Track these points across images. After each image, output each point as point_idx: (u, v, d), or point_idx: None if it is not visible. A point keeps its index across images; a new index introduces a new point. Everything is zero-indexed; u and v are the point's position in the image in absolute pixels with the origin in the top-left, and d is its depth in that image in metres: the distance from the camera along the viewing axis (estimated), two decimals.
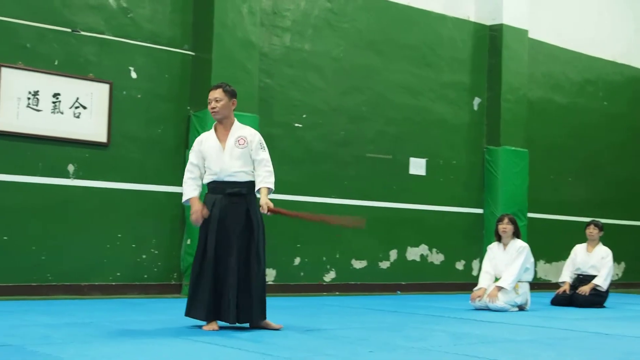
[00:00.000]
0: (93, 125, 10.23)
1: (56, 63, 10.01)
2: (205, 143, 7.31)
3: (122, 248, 10.46)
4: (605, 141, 16.54)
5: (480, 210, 14.21)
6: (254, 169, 7.25)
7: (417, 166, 13.42)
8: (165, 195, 10.82)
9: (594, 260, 11.55)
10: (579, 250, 11.79)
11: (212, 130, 7.38)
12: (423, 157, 13.49)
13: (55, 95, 9.94)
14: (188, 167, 7.35)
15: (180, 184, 10.39)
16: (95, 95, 10.24)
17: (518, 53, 14.48)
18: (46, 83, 9.87)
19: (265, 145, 7.36)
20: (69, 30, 10.12)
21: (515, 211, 13.51)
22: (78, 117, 10.11)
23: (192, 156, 7.34)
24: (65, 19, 10.12)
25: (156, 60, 10.86)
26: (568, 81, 15.96)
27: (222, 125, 7.33)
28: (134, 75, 10.64)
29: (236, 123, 7.35)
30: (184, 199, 7.32)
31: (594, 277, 11.41)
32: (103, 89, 10.31)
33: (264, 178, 7.21)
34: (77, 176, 10.12)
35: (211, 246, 7.09)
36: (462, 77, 14.12)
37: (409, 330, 7.60)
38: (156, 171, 10.78)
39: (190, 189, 7.26)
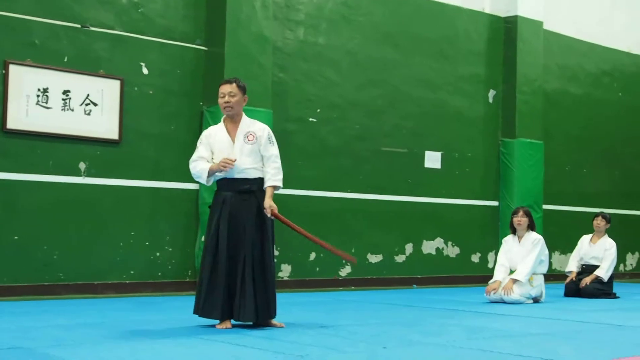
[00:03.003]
0: (104, 122, 10.16)
1: (66, 59, 9.94)
2: (215, 137, 7.22)
3: (135, 246, 10.40)
4: (620, 132, 16.46)
5: (495, 203, 14.14)
6: (263, 164, 7.18)
7: (433, 159, 13.34)
8: (179, 192, 10.76)
9: (596, 252, 11.68)
10: (584, 241, 11.91)
11: (222, 124, 7.29)
12: (439, 151, 13.41)
13: (65, 92, 9.86)
14: (194, 158, 7.21)
15: (194, 181, 10.46)
16: (106, 92, 10.16)
17: (533, 45, 14.39)
18: (56, 80, 9.79)
19: (274, 139, 7.30)
20: (79, 26, 10.05)
21: (530, 203, 13.49)
22: (89, 114, 10.04)
23: (201, 149, 7.21)
24: (75, 15, 10.04)
25: (168, 56, 10.78)
26: (583, 72, 15.87)
27: (232, 121, 7.25)
28: (145, 71, 10.57)
29: (245, 118, 7.28)
30: (204, 175, 7.11)
31: (595, 267, 11.53)
32: (114, 86, 10.24)
33: (272, 176, 7.16)
34: (88, 174, 10.06)
35: (223, 245, 7.01)
36: (477, 70, 14.03)
37: (424, 325, 7.55)
38: (169, 168, 10.71)
39: (204, 165, 7.12)
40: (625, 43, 16.67)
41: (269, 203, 7.07)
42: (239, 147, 7.13)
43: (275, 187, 7.16)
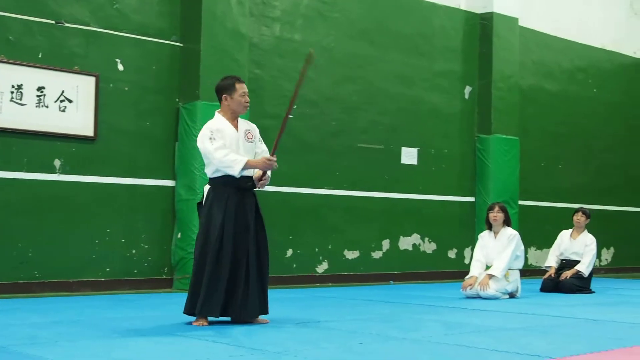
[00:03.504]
0: (79, 119, 10.10)
1: (40, 56, 9.87)
2: (224, 131, 7.05)
3: (111, 243, 10.34)
4: (595, 128, 16.56)
5: (472, 199, 14.17)
6: None
7: (409, 156, 13.35)
8: (155, 189, 10.72)
9: (576, 247, 11.68)
10: (564, 236, 11.89)
11: (222, 119, 7.15)
12: (415, 147, 13.41)
13: (40, 88, 9.79)
14: (218, 146, 6.91)
15: (170, 177, 10.48)
16: (81, 88, 10.10)
17: (509, 41, 14.43)
18: (30, 76, 9.72)
19: None
20: (54, 22, 9.99)
21: (506, 199, 13.53)
22: (64, 110, 9.98)
23: (220, 139, 6.95)
24: (49, 11, 9.98)
25: (144, 52, 10.73)
26: (559, 69, 15.94)
27: (233, 118, 7.20)
28: (120, 67, 10.52)
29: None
30: (239, 167, 6.89)
31: (576, 262, 11.55)
32: (89, 82, 10.17)
33: None
34: (63, 171, 10.00)
35: (228, 243, 6.94)
36: (454, 66, 14.04)
37: (401, 320, 7.56)
38: (145, 165, 10.66)
39: (237, 156, 6.95)
40: (600, 40, 16.75)
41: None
42: (242, 144, 7.14)
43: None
